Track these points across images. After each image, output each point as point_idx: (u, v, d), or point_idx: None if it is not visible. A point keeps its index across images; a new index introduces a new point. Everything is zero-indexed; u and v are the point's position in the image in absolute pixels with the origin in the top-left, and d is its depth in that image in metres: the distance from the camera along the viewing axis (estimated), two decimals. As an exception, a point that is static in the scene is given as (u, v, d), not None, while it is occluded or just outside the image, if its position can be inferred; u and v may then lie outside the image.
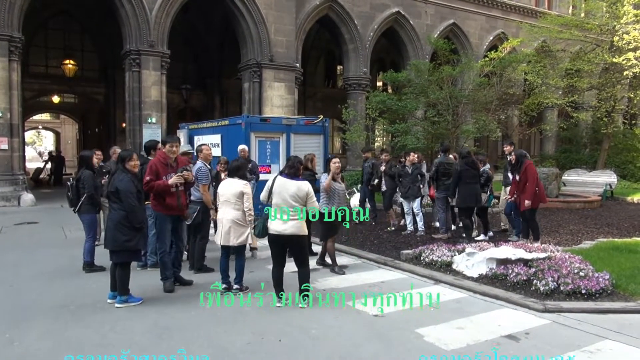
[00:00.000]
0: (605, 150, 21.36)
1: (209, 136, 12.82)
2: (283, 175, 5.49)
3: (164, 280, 5.92)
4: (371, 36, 20.52)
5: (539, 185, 8.29)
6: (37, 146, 56.59)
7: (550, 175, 14.83)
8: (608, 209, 13.90)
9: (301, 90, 21.66)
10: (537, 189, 8.18)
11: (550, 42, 21.84)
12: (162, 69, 15.91)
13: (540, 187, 8.30)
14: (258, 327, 4.76)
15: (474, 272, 6.48)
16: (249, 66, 17.59)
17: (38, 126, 44.68)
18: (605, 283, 5.66)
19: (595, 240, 8.78)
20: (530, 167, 8.23)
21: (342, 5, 19.63)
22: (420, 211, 9.84)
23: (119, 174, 5.32)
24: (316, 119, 12.50)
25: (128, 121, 16.33)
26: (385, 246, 8.59)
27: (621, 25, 18.97)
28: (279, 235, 5.36)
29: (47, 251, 8.13)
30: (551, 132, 24.52)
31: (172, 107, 21.15)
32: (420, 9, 21.67)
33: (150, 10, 15.35)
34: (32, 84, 22.18)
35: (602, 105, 20.04)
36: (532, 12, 24.91)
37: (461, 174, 8.67)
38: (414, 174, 9.78)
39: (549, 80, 19.77)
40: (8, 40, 13.72)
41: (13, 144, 14.10)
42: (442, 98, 15.50)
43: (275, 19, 17.32)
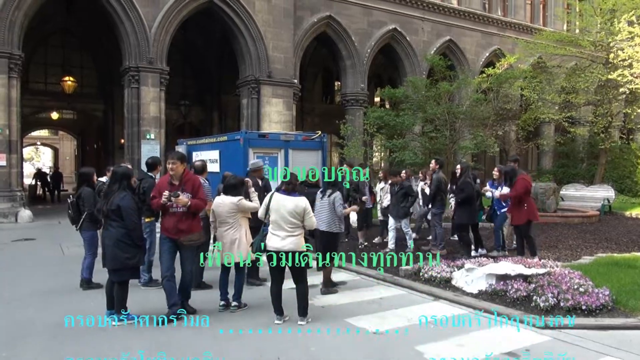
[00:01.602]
0: (603, 165, 21.44)
1: (207, 152, 12.82)
2: (280, 192, 5.49)
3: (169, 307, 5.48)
4: (368, 53, 20.72)
5: (528, 202, 8.18)
6: (35, 162, 56.54)
7: (548, 190, 14.85)
8: (606, 224, 13.90)
9: (299, 106, 21.80)
10: (526, 205, 8.09)
11: (546, 58, 22.07)
12: (161, 86, 16.01)
13: (529, 204, 8.18)
14: (257, 345, 4.72)
15: (473, 288, 6.45)
16: (247, 82, 17.71)
17: (36, 142, 44.72)
18: (606, 299, 5.64)
19: (594, 256, 8.76)
20: (518, 182, 8.16)
21: (339, 22, 19.86)
22: (409, 229, 9.58)
23: (120, 192, 5.27)
24: (314, 135, 12.53)
25: (126, 137, 16.37)
26: (384, 262, 8.54)
27: (616, 42, 19.20)
28: (277, 252, 5.35)
29: (45, 268, 8.08)
30: (548, 147, 24.63)
31: (170, 123, 21.22)
32: (417, 26, 21.93)
33: (150, 28, 15.49)
34: (31, 100, 22.25)
35: (599, 121, 20.18)
36: (528, 28, 25.22)
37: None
38: (398, 194, 9.43)
39: (546, 96, 19.94)
40: (8, 57, 13.81)
41: (11, 160, 14.10)
42: (439, 114, 15.61)
43: (273, 36, 17.50)
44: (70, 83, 23.35)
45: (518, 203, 8.17)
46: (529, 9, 26.37)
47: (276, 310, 5.42)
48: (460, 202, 8.58)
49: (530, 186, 8.37)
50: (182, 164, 5.50)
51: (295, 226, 5.33)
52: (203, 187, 6.82)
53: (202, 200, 5.55)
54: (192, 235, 5.48)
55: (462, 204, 8.58)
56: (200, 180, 5.78)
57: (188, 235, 5.44)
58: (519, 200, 8.14)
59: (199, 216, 5.66)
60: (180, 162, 5.47)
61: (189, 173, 5.64)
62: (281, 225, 5.32)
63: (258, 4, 17.18)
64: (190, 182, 5.50)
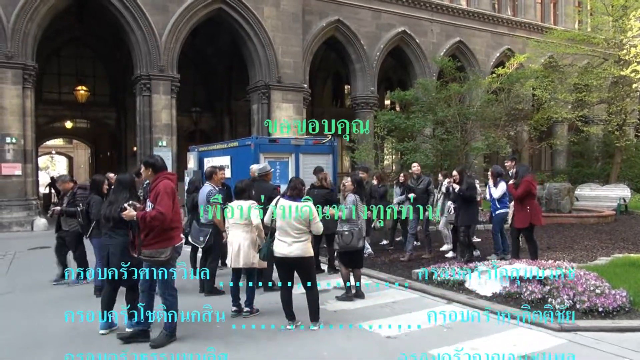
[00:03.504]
0: (618, 164, 21.14)
1: (218, 158, 12.89)
2: (285, 197, 5.48)
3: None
4: (378, 56, 20.69)
5: (532, 205, 7.95)
6: (50, 171, 57.31)
7: (563, 190, 14.68)
8: (623, 224, 13.69)
9: (309, 110, 21.81)
10: (529, 208, 7.87)
11: (557, 57, 21.86)
12: (172, 93, 16.15)
13: (532, 207, 7.94)
14: (269, 351, 4.72)
15: (487, 291, 6.38)
16: (257, 88, 17.79)
17: (51, 151, 45.29)
18: (623, 300, 5.54)
19: (610, 256, 8.62)
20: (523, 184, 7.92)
21: (348, 26, 19.87)
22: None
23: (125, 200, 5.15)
24: (324, 139, 12.54)
25: (139, 145, 16.52)
26: (396, 265, 8.51)
27: (628, 39, 18.96)
28: (284, 258, 5.34)
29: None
30: (562, 146, 24.35)
31: (182, 130, 21.38)
32: (426, 28, 21.86)
33: (160, 36, 15.64)
34: (45, 110, 22.59)
35: (613, 119, 19.91)
36: (538, 27, 24.99)
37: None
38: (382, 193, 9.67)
39: (558, 95, 19.73)
40: (22, 68, 14.04)
41: (26, 169, 14.31)
42: (450, 115, 15.50)
43: (282, 41, 17.56)
44: (83, 92, 23.64)
45: (521, 205, 7.93)
46: (539, 8, 26.13)
47: (287, 315, 5.41)
48: (464, 204, 8.46)
49: (535, 189, 8.11)
50: (147, 170, 4.99)
51: (301, 232, 5.32)
52: (210, 194, 6.88)
53: (155, 211, 4.70)
54: (149, 251, 4.82)
55: (466, 206, 8.46)
56: (164, 188, 4.81)
57: (143, 250, 4.85)
58: (522, 202, 7.91)
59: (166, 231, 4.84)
60: (145, 167, 5.00)
61: (157, 180, 4.91)
62: (287, 231, 5.31)
63: (267, 10, 17.27)
64: (153, 191, 4.87)
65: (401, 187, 10.02)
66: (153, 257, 4.83)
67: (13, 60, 13.85)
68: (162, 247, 4.82)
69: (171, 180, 4.96)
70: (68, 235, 7.54)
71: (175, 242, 4.96)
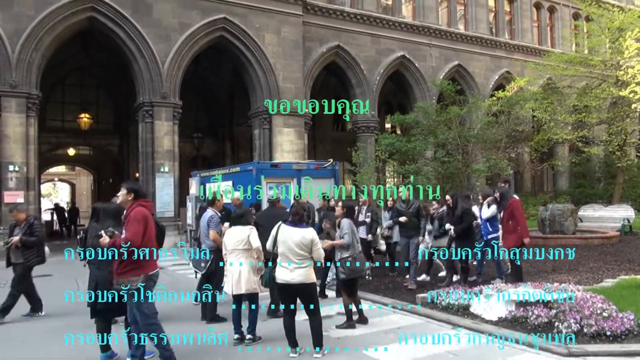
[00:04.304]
0: (620, 184, 21.09)
1: (220, 183, 12.93)
2: (287, 224, 5.46)
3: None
4: (378, 80, 20.91)
5: (522, 225, 7.94)
6: (53, 198, 57.44)
7: (566, 211, 14.58)
8: (628, 244, 13.56)
9: (311, 135, 21.94)
10: (520, 228, 7.88)
11: (555, 79, 22.05)
12: (174, 119, 16.29)
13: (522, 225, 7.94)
14: (272, 380, 4.63)
15: (492, 315, 6.30)
16: (258, 113, 17.94)
17: (54, 178, 45.50)
18: (631, 324, 5.45)
19: (617, 278, 8.52)
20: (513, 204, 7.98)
21: (348, 52, 20.13)
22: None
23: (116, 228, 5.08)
24: (326, 163, 12.58)
25: (141, 171, 16.59)
26: (400, 290, 8.42)
27: (625, 60, 19.16)
28: (286, 285, 5.30)
29: (60, 305, 8.07)
30: (563, 167, 24.35)
31: (184, 156, 21.49)
32: (425, 52, 22.14)
33: (163, 64, 15.87)
34: (49, 137, 22.78)
35: (613, 139, 19.96)
36: (536, 50, 25.29)
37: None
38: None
39: (557, 117, 19.84)
40: (26, 97, 14.22)
41: (29, 197, 14.34)
42: (451, 138, 15.57)
43: (283, 67, 17.79)
44: (86, 120, 23.89)
45: (511, 226, 7.93)
46: (536, 31, 26.49)
47: (290, 342, 5.34)
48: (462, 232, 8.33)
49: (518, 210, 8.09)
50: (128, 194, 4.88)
51: (303, 258, 5.29)
52: (213, 219, 6.92)
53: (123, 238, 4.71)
54: (121, 279, 4.73)
55: (464, 234, 8.35)
56: (134, 215, 4.74)
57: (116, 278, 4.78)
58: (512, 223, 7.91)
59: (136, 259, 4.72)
60: (127, 192, 4.90)
61: (131, 207, 4.83)
62: (289, 257, 5.28)
63: (268, 37, 17.55)
64: (127, 219, 4.82)
65: (389, 211, 9.95)
66: (125, 285, 4.71)
67: (17, 89, 14.04)
68: (133, 276, 4.71)
69: (145, 208, 4.87)
70: (17, 267, 7.14)
71: (148, 270, 4.80)
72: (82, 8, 14.99)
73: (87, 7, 15.05)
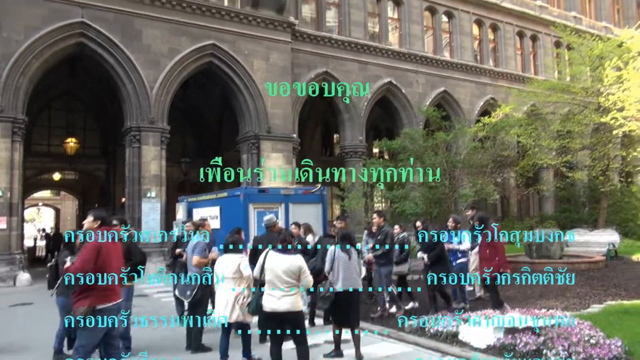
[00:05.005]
0: (605, 209, 21.36)
1: (208, 208, 12.83)
2: (275, 251, 5.42)
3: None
4: (365, 105, 21.14)
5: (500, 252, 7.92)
6: (36, 223, 56.52)
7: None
8: (614, 269, 13.65)
9: (299, 160, 22.00)
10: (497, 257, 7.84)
11: (539, 106, 22.50)
12: (162, 144, 16.25)
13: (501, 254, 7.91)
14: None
15: (481, 343, 6.25)
16: (247, 138, 17.99)
17: (38, 203, 44.83)
18: (618, 350, 5.45)
19: (603, 304, 8.55)
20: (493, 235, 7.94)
21: (335, 78, 20.37)
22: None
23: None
24: (314, 188, 12.59)
25: (127, 196, 16.44)
26: (388, 317, 8.34)
27: (605, 87, 19.65)
28: (273, 313, 5.22)
29: (40, 335, 7.86)
30: (549, 192, 24.63)
31: (171, 181, 21.35)
32: (412, 79, 22.50)
33: (151, 89, 15.90)
34: (34, 162, 22.51)
35: (597, 165, 20.30)
36: (520, 77, 25.83)
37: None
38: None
39: (542, 142, 20.16)
40: (12, 122, 14.10)
41: (12, 223, 14.09)
42: (437, 163, 15.72)
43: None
44: (73, 144, 23.71)
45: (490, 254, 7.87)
46: (520, 59, 27.12)
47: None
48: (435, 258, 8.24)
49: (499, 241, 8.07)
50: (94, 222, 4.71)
51: (291, 285, 5.23)
52: (199, 245, 6.88)
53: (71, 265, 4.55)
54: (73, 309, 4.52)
55: (437, 259, 8.25)
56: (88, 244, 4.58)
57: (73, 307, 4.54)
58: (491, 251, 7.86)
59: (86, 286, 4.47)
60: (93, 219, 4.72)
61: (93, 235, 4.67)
62: (277, 284, 5.23)
63: (256, 63, 17.73)
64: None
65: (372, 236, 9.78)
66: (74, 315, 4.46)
67: (3, 113, 13.93)
68: (80, 306, 4.46)
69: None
70: None
71: (96, 302, 4.47)
72: (71, 34, 15.05)
73: (76, 32, 15.10)
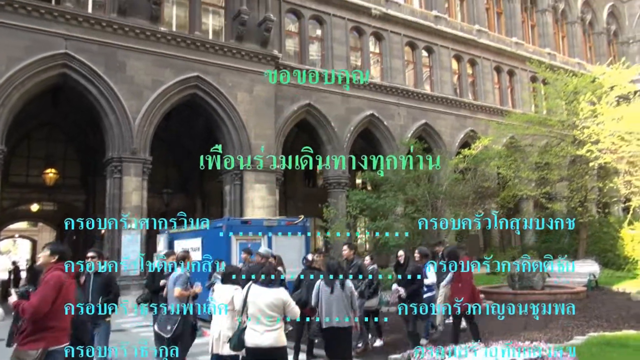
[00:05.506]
0: (584, 240, 21.65)
1: (189, 240, 12.67)
2: (258, 284, 5.33)
3: None
4: (348, 137, 21.36)
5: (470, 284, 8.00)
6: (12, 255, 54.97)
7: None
8: (595, 300, 13.75)
9: (282, 190, 21.98)
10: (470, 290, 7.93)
11: (518, 138, 23.01)
12: (143, 175, 16.11)
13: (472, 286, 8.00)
14: None
15: (466, 377, 6.18)
16: (230, 169, 17.94)
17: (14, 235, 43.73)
18: (602, 383, 5.44)
19: (586, 335, 8.58)
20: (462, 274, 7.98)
21: (319, 110, 20.61)
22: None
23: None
24: (297, 219, 12.57)
25: (107, 227, 16.11)
26: (372, 350, 8.24)
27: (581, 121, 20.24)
28: (256, 348, 5.11)
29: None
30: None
31: (153, 211, 21.06)
32: (393, 112, 22.88)
33: (134, 120, 15.86)
34: (11, 192, 22.07)
35: (575, 196, 20.68)
36: (498, 110, 26.46)
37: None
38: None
39: (521, 174, 20.53)
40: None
41: (-15, 255, 13.69)
42: (419, 194, 15.86)
43: (255, 124, 18.03)
44: (52, 175, 23.35)
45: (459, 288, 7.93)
46: (498, 93, 27.84)
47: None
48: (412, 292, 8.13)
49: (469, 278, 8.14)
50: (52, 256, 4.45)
51: (274, 319, 5.15)
52: (181, 277, 6.80)
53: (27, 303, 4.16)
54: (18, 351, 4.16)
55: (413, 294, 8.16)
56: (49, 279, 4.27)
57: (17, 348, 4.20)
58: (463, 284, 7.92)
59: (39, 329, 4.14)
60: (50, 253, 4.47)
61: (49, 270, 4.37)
62: (259, 319, 5.13)
63: (240, 95, 17.87)
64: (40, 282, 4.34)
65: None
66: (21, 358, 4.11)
67: (-19, 144, 13.74)
68: (32, 349, 4.10)
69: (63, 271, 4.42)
70: None
71: (52, 344, 4.17)
72: (54, 64, 15.03)
73: (59, 63, 15.09)
